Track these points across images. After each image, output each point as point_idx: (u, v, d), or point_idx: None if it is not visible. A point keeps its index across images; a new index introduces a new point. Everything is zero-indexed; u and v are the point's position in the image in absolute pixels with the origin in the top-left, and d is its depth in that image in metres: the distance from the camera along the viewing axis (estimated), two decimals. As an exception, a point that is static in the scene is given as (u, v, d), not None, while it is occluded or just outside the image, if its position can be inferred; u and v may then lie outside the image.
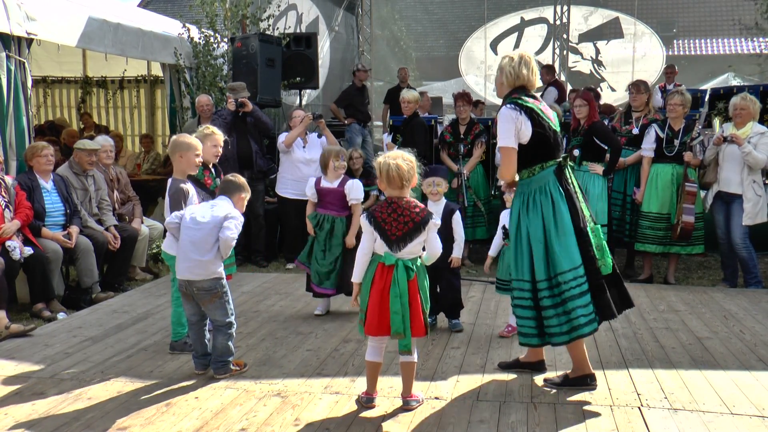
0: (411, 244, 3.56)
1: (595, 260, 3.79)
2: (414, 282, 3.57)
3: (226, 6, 9.08)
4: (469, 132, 7.67)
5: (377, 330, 3.56)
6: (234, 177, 4.30)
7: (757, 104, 6.51)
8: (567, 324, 3.76)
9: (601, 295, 3.79)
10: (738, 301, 6.00)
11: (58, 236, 5.98)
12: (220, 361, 4.14)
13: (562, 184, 3.83)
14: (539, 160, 3.84)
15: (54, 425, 3.49)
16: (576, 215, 3.80)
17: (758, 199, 6.39)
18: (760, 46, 14.66)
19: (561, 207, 3.79)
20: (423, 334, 3.60)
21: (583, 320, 3.74)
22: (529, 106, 3.80)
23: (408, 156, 3.63)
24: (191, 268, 4.04)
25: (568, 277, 3.74)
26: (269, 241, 8.12)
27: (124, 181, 7.29)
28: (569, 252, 3.75)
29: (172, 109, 9.06)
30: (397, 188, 3.58)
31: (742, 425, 3.47)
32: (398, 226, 3.55)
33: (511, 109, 3.79)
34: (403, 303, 3.51)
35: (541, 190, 3.83)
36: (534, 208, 3.83)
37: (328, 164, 5.52)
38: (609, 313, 3.82)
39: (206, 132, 4.84)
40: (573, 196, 3.84)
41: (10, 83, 6.15)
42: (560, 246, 3.75)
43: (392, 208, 3.58)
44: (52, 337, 5.00)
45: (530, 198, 3.85)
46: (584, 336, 3.80)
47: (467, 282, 6.52)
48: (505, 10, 19.16)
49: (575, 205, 3.82)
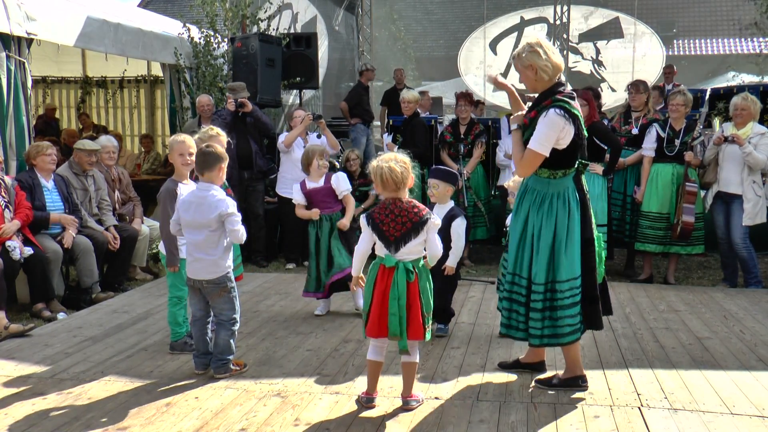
0: (410, 245, 3.56)
1: (595, 270, 3.77)
2: (415, 284, 3.56)
3: (227, 6, 9.08)
4: (469, 132, 7.67)
5: (378, 332, 3.57)
6: (209, 148, 4.13)
7: (758, 104, 6.51)
8: (549, 329, 3.77)
9: (594, 307, 3.79)
10: (738, 301, 6.00)
11: (64, 216, 6.08)
12: (220, 360, 4.14)
13: (579, 192, 3.78)
14: (566, 166, 3.74)
15: (54, 425, 3.49)
16: (586, 224, 3.76)
17: (758, 200, 6.39)
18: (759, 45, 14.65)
19: (575, 217, 3.73)
20: (422, 337, 3.59)
21: (567, 329, 3.75)
22: (575, 112, 3.66)
23: (402, 158, 3.59)
24: (200, 269, 4.06)
25: (565, 287, 3.73)
26: (269, 241, 8.12)
27: (125, 182, 7.29)
28: (572, 263, 3.72)
29: (172, 109, 9.06)
30: (392, 191, 3.58)
31: (742, 425, 3.47)
32: (396, 227, 3.55)
33: (560, 116, 3.61)
34: (401, 305, 3.51)
35: (558, 196, 3.75)
36: (549, 212, 3.74)
37: (311, 163, 5.44)
38: (598, 324, 3.84)
39: (211, 133, 4.82)
40: (587, 203, 3.79)
41: (10, 83, 6.15)
42: (566, 256, 3.71)
43: (390, 209, 3.58)
44: (52, 337, 5.00)
45: (545, 201, 3.77)
46: (562, 345, 3.83)
47: (467, 282, 6.52)
48: (505, 9, 19.16)
49: (587, 214, 3.77)
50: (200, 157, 4.12)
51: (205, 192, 4.06)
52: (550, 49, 3.72)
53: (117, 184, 7.14)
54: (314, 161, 5.43)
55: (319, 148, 5.60)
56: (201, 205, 4.04)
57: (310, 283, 5.53)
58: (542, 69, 3.69)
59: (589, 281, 3.76)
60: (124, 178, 7.30)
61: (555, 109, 3.63)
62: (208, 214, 4.00)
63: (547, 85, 3.73)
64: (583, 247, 3.74)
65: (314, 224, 5.49)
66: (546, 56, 3.68)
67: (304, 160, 5.54)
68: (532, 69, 3.71)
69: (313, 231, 5.50)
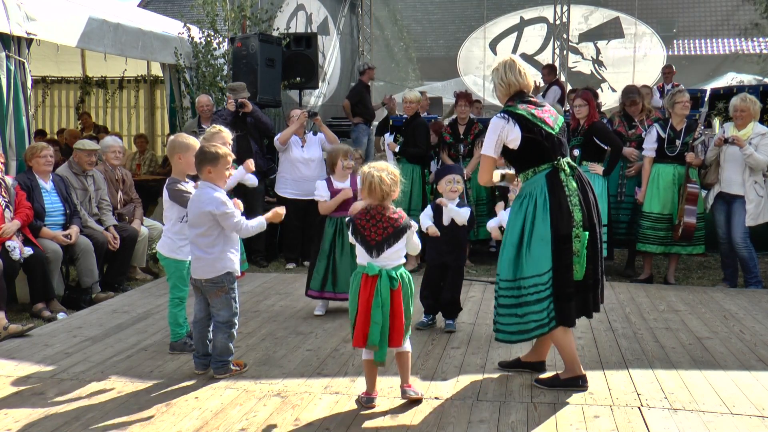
0: (391, 250, 3.61)
1: (572, 268, 3.80)
2: (398, 292, 3.59)
3: (227, 6, 9.08)
4: (468, 132, 7.68)
5: (364, 341, 3.58)
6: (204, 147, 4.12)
7: (758, 105, 6.49)
8: (515, 326, 3.85)
9: (566, 304, 3.81)
10: (738, 301, 6.00)
11: (58, 235, 5.98)
12: (219, 361, 4.14)
13: (553, 189, 3.83)
14: (532, 164, 3.90)
15: (54, 425, 3.49)
16: (561, 221, 3.79)
17: (760, 200, 6.38)
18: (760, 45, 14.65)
19: (541, 214, 3.82)
20: (399, 344, 3.64)
21: (533, 325, 3.82)
22: (519, 112, 3.85)
23: (393, 170, 3.68)
24: (199, 268, 4.08)
25: (529, 283, 3.80)
26: (269, 241, 8.12)
27: (128, 183, 7.28)
28: (537, 260, 3.79)
29: (172, 109, 9.06)
30: (376, 200, 3.64)
31: (742, 425, 3.47)
32: (377, 231, 3.61)
33: (500, 118, 3.88)
34: (384, 312, 3.54)
35: (530, 195, 3.88)
36: (519, 211, 3.91)
37: (336, 164, 5.44)
38: (569, 322, 3.86)
39: (213, 131, 4.81)
40: (565, 200, 3.81)
41: (9, 83, 6.15)
42: (529, 253, 3.81)
43: (371, 215, 3.64)
44: (52, 337, 5.00)
45: (518, 199, 3.95)
46: (530, 339, 3.96)
47: (467, 282, 6.52)
48: (505, 9, 19.13)
49: (561, 211, 3.80)
50: (196, 156, 4.17)
51: (199, 191, 4.12)
52: (510, 69, 3.96)
53: (121, 185, 7.13)
54: (339, 162, 5.42)
55: (343, 148, 5.57)
56: (194, 202, 4.10)
57: (316, 281, 5.45)
58: (497, 86, 4.03)
59: (563, 278, 3.79)
60: (127, 179, 7.29)
61: (497, 114, 3.93)
62: (199, 213, 4.04)
63: (504, 99, 4.02)
64: (557, 244, 3.78)
65: (332, 223, 5.44)
66: (503, 74, 3.96)
67: (328, 161, 5.57)
68: (494, 86, 4.09)
69: (331, 230, 5.44)
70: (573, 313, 3.85)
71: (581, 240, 3.81)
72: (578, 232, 3.81)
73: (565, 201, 3.81)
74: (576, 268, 3.80)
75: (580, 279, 3.83)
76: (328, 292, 5.45)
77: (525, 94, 3.97)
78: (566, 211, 3.80)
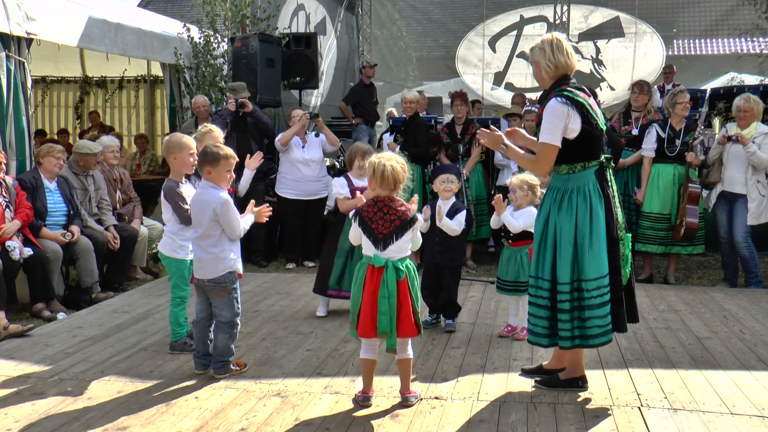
0: (398, 243, 3.60)
1: (621, 271, 3.68)
2: (404, 282, 3.60)
3: (227, 6, 9.07)
4: (465, 131, 7.68)
5: (369, 332, 3.58)
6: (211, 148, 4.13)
7: (761, 105, 6.49)
8: (579, 330, 3.66)
9: (618, 308, 3.68)
10: (738, 301, 6.00)
11: (58, 235, 5.97)
12: (219, 361, 4.14)
13: (602, 187, 3.67)
14: (583, 158, 3.66)
15: (54, 425, 3.49)
16: (611, 221, 3.66)
17: (762, 199, 6.38)
18: (760, 46, 14.63)
19: (598, 211, 3.62)
20: (415, 334, 3.62)
21: (597, 330, 3.63)
22: (580, 100, 3.62)
23: (400, 159, 3.65)
24: (201, 268, 4.09)
25: (592, 285, 3.61)
26: (269, 241, 8.12)
27: (126, 182, 7.29)
28: (599, 260, 3.60)
29: (172, 109, 9.06)
30: (388, 189, 3.61)
31: (742, 425, 3.47)
32: (385, 224, 3.59)
33: (562, 103, 3.59)
34: (391, 304, 3.54)
35: (578, 191, 3.66)
36: (569, 208, 3.66)
37: (353, 162, 5.43)
38: (622, 327, 3.73)
39: (204, 131, 4.84)
40: (611, 200, 3.68)
41: (9, 83, 6.15)
42: (591, 252, 3.60)
43: (379, 206, 3.63)
44: (52, 337, 5.00)
45: (565, 196, 3.69)
46: (594, 347, 3.73)
47: (467, 282, 6.52)
48: (505, 8, 19.11)
49: (612, 211, 3.67)
50: (200, 155, 4.22)
51: (202, 190, 4.13)
52: (558, 48, 3.70)
53: (119, 185, 7.14)
54: (356, 161, 5.42)
55: (362, 147, 5.53)
56: (196, 202, 4.12)
57: (332, 280, 5.39)
58: (545, 68, 3.73)
59: (614, 282, 3.66)
60: (125, 179, 7.29)
61: (556, 98, 3.64)
62: (201, 212, 4.05)
63: (549, 82, 3.75)
64: (609, 246, 3.63)
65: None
66: (551, 54, 3.69)
67: (346, 158, 5.60)
68: (537, 65, 3.77)
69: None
70: (624, 318, 3.70)
71: (625, 242, 3.70)
72: (622, 235, 3.70)
73: (612, 201, 3.68)
74: (624, 272, 3.68)
75: (626, 284, 3.73)
76: (346, 291, 5.42)
77: (569, 78, 3.72)
78: (614, 211, 3.68)
